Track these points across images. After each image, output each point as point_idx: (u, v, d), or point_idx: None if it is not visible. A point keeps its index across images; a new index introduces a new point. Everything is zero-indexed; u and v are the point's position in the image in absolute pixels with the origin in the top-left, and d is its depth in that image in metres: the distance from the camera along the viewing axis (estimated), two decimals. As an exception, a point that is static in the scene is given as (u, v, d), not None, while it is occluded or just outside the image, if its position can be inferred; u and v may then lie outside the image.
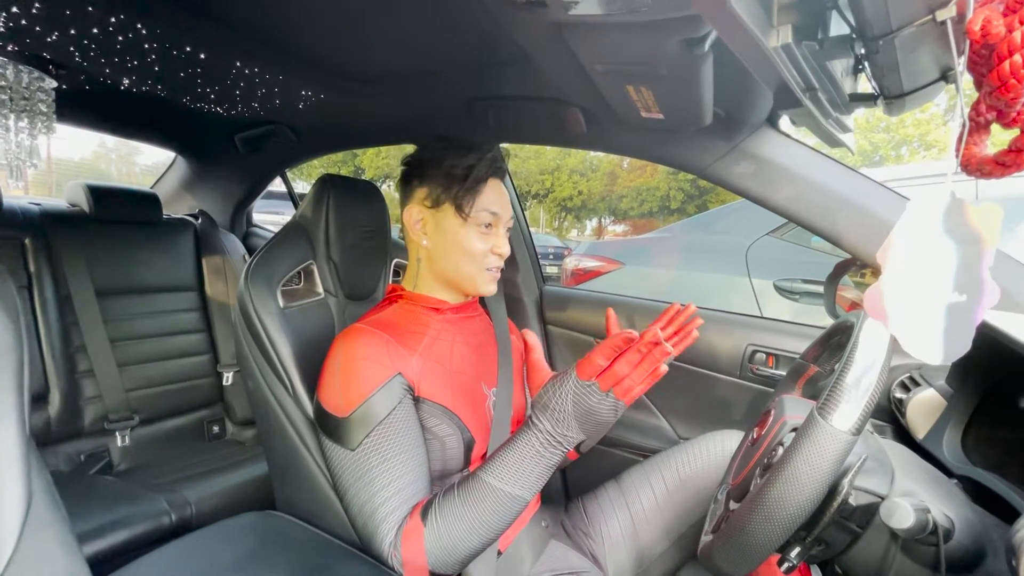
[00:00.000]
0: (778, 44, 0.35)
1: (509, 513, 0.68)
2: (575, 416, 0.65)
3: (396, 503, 0.69)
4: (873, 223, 0.86)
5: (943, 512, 0.52)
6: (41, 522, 0.51)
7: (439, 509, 0.68)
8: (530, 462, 0.67)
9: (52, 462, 1.32)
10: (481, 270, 0.82)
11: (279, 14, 0.87)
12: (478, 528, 0.67)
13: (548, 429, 0.66)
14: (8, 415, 0.51)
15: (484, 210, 0.80)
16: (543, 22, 0.60)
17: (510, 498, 0.67)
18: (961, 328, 0.35)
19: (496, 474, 0.67)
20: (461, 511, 0.67)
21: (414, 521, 0.68)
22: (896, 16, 0.34)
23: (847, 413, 0.50)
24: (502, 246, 0.82)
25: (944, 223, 0.34)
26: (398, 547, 0.67)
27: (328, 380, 0.75)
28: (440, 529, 0.67)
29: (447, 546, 0.66)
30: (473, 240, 0.80)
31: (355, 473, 0.71)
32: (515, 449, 0.68)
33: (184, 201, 1.93)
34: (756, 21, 0.32)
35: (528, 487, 0.67)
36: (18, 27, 0.85)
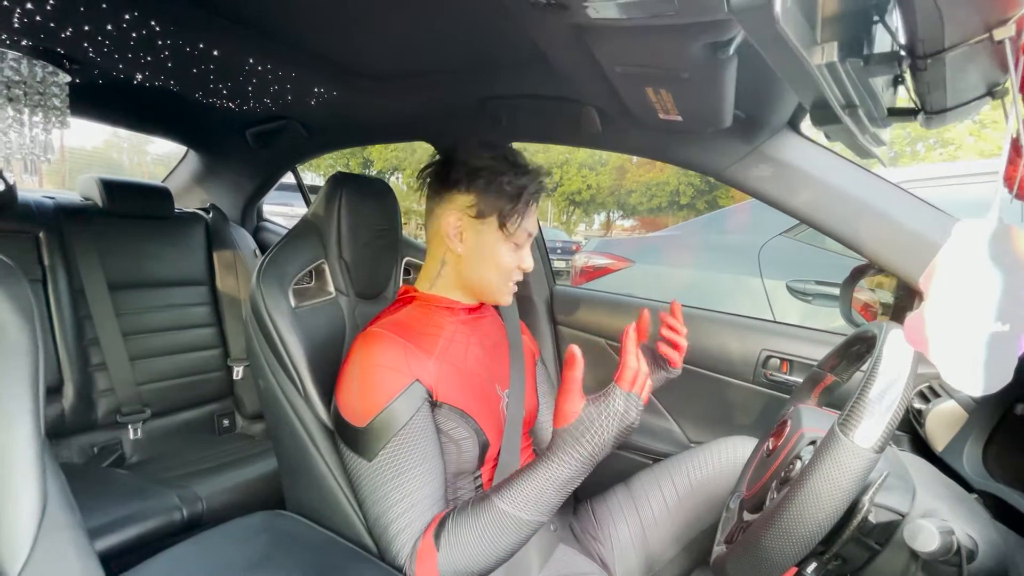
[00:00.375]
0: (822, 61, 0.33)
1: (525, 537, 0.68)
2: (619, 433, 0.63)
3: (409, 519, 0.69)
4: (895, 229, 0.84)
5: (966, 532, 0.51)
6: (56, 524, 0.51)
7: (452, 532, 0.67)
8: (557, 490, 0.65)
9: (66, 454, 1.34)
10: (505, 283, 0.84)
11: (292, 11, 0.86)
12: (492, 552, 0.67)
13: (587, 454, 0.64)
14: (24, 417, 0.51)
15: (525, 230, 0.82)
16: (562, 24, 0.59)
17: (528, 525, 0.67)
18: (1003, 358, 0.34)
19: (515, 503, 0.66)
20: (475, 537, 0.66)
21: (427, 542, 0.68)
22: (951, 34, 0.33)
23: (870, 430, 0.49)
24: (527, 261, 0.84)
25: (990, 250, 0.33)
26: (412, 566, 0.68)
27: (346, 387, 0.75)
28: (453, 553, 0.66)
29: (460, 568, 0.67)
30: (506, 255, 0.82)
31: (371, 485, 0.72)
32: (540, 478, 0.65)
33: (195, 195, 1.93)
34: (801, 38, 0.31)
35: (548, 512, 0.67)
36: (33, 22, 0.85)
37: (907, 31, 0.36)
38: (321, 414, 0.81)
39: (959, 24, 0.32)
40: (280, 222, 2.20)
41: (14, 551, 0.48)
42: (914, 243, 0.82)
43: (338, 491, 0.80)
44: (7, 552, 0.48)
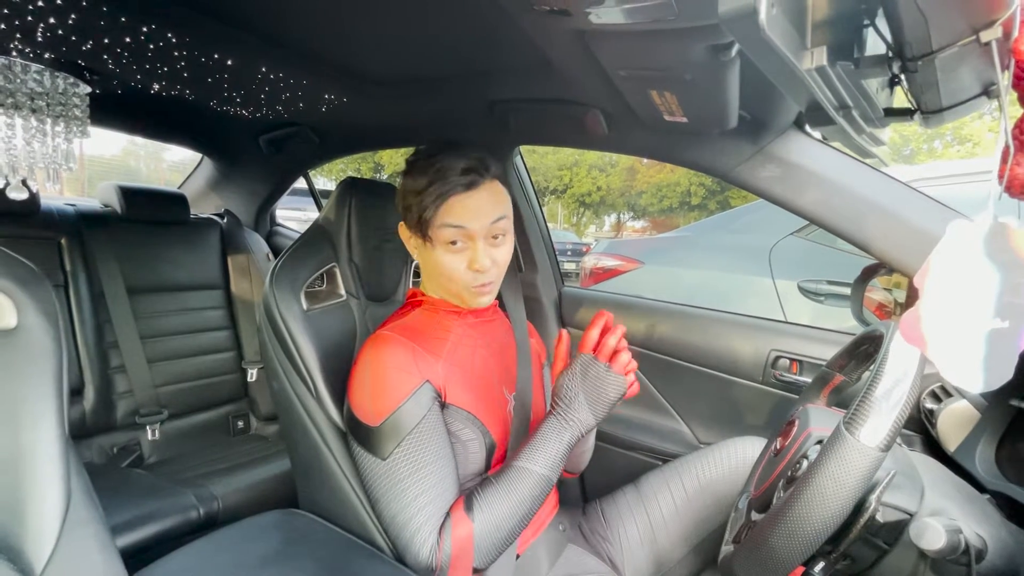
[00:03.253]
0: (812, 66, 0.34)
1: (541, 494, 0.72)
2: (583, 391, 0.71)
3: (429, 513, 0.70)
4: (903, 228, 0.83)
5: (975, 531, 0.51)
6: (79, 521, 0.53)
7: (482, 500, 0.71)
8: (552, 444, 0.72)
9: (86, 455, 1.37)
10: (466, 288, 0.78)
11: (304, 20, 0.88)
12: (518, 510, 0.71)
13: (562, 412, 0.72)
14: (49, 417, 0.53)
15: (443, 226, 0.74)
16: (565, 29, 0.60)
17: (541, 478, 0.71)
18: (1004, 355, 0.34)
19: (527, 458, 0.72)
20: (503, 496, 0.71)
21: (459, 517, 0.70)
22: (937, 37, 0.33)
23: (876, 428, 0.49)
24: (478, 260, 0.75)
25: (986, 247, 0.33)
26: (445, 547, 0.69)
27: (358, 389, 0.76)
28: (487, 518, 0.70)
29: (492, 531, 0.70)
30: (444, 261, 0.76)
31: (387, 483, 0.72)
32: (538, 435, 0.73)
33: (210, 201, 1.97)
34: (789, 44, 0.32)
35: (552, 468, 0.72)
36: (55, 36, 0.88)
37: (894, 34, 0.36)
38: (333, 415, 0.83)
39: (945, 27, 0.32)
40: (292, 226, 2.24)
41: (40, 546, 0.50)
42: (922, 242, 0.81)
43: (350, 491, 0.81)
44: (33, 547, 0.50)
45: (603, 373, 0.71)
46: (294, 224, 2.29)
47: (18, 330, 0.53)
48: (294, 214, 4.07)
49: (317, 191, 2.21)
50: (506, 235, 0.80)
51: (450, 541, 0.69)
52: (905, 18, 0.33)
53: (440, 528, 0.70)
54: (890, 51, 0.38)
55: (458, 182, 0.74)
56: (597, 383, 0.71)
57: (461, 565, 0.69)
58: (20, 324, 0.53)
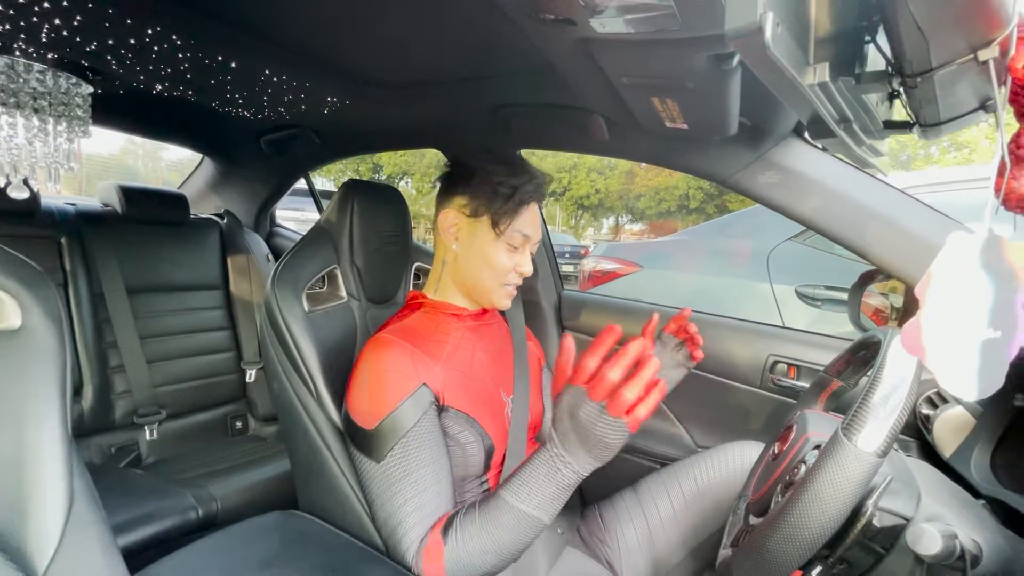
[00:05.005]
0: (814, 81, 0.35)
1: (526, 534, 0.66)
2: (574, 431, 0.59)
3: (417, 518, 0.71)
4: (901, 235, 0.84)
5: (971, 537, 0.51)
6: (82, 521, 0.53)
7: (459, 527, 0.68)
8: (543, 482, 0.63)
9: (85, 454, 1.37)
10: (500, 285, 0.84)
11: (307, 23, 0.88)
12: (496, 547, 0.67)
13: (556, 450, 0.62)
14: (52, 417, 0.53)
15: (518, 231, 0.81)
16: (569, 37, 0.60)
17: (527, 518, 0.65)
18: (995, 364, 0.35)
19: (514, 492, 0.65)
20: (480, 529, 0.67)
21: (434, 538, 0.69)
22: (937, 55, 0.34)
23: (873, 434, 0.49)
24: (525, 265, 0.84)
25: (982, 259, 0.34)
26: (419, 563, 0.69)
27: (356, 391, 0.77)
28: (459, 546, 0.67)
29: (465, 563, 0.67)
30: (500, 255, 0.82)
31: (380, 486, 0.73)
32: (529, 468, 0.65)
33: (210, 201, 1.97)
34: (793, 60, 0.32)
35: (543, 508, 0.65)
36: (59, 37, 0.88)
37: (895, 52, 0.37)
38: (333, 416, 0.83)
39: (943, 46, 0.33)
40: (292, 227, 2.24)
41: (42, 546, 0.50)
42: (920, 248, 0.82)
43: (350, 492, 0.82)
44: (36, 547, 0.50)
45: (595, 415, 0.57)
46: (293, 224, 2.29)
47: (22, 331, 0.53)
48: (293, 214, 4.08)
49: (317, 192, 2.21)
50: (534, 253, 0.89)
51: (422, 560, 0.69)
52: (905, 37, 0.34)
53: (423, 539, 0.70)
54: (890, 67, 0.39)
55: (540, 192, 0.84)
56: (589, 427, 0.58)
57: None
58: (24, 325, 0.53)
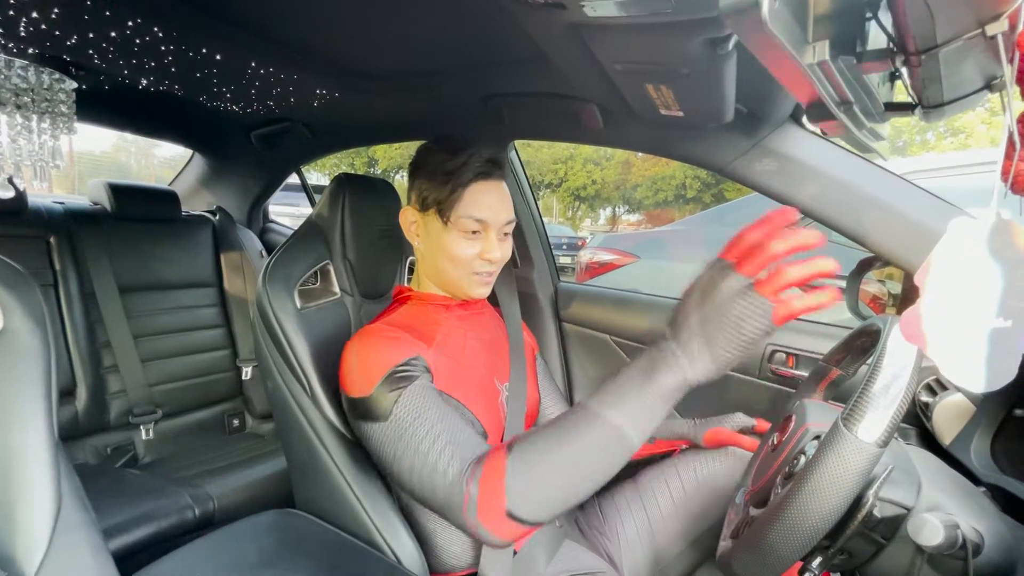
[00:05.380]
0: (814, 61, 0.33)
1: (605, 453, 0.54)
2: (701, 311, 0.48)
3: (452, 450, 0.62)
4: (899, 222, 0.83)
5: (972, 526, 0.51)
6: (71, 525, 0.52)
7: (527, 439, 0.59)
8: (638, 386, 0.52)
9: (80, 455, 1.36)
10: (468, 275, 0.80)
11: (293, 14, 0.86)
12: (567, 465, 0.55)
13: (665, 344, 0.51)
14: (37, 421, 0.52)
15: (467, 216, 0.76)
16: (560, 22, 0.59)
17: (612, 430, 0.53)
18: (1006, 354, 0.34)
19: (600, 400, 0.55)
20: (552, 440, 0.56)
21: (496, 451, 0.60)
22: (942, 30, 0.32)
23: (873, 424, 0.48)
24: (491, 251, 0.78)
25: (989, 245, 0.33)
26: (473, 485, 0.59)
27: (348, 370, 0.74)
28: (526, 454, 0.57)
29: (530, 477, 0.56)
30: (457, 245, 0.78)
31: (396, 441, 0.66)
32: (625, 373, 0.54)
33: (202, 198, 1.95)
34: (791, 38, 0.31)
35: (632, 420, 0.53)
36: (39, 31, 0.86)
37: (898, 28, 0.35)
38: (329, 414, 0.82)
39: (950, 20, 0.32)
40: (286, 222, 2.22)
41: (31, 551, 0.50)
42: (918, 235, 0.81)
43: (347, 489, 0.81)
44: (24, 552, 0.49)
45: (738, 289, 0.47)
46: (287, 220, 2.27)
47: (4, 332, 0.52)
48: (287, 209, 4.05)
49: (310, 187, 2.19)
50: (510, 234, 0.84)
51: (480, 473, 0.58)
52: (910, 11, 0.32)
53: (471, 463, 0.61)
54: (893, 45, 0.38)
55: (486, 169, 0.77)
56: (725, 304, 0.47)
57: (492, 507, 0.57)
58: (6, 327, 0.52)
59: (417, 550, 0.79)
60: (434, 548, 0.81)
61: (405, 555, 0.77)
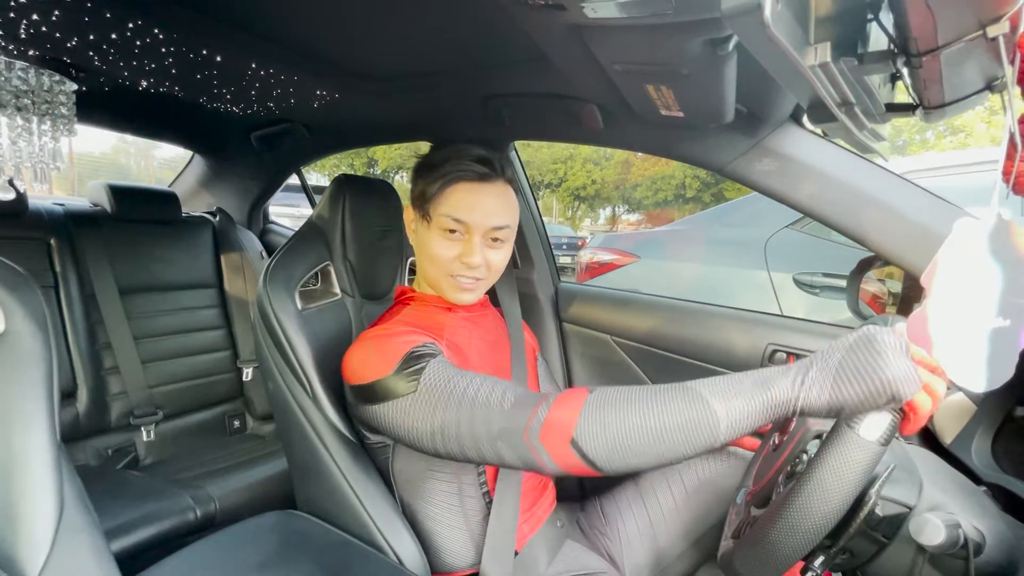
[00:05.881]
0: (815, 62, 0.33)
1: (691, 424, 0.52)
2: (847, 346, 0.48)
3: (503, 389, 0.61)
4: (899, 221, 0.83)
5: (973, 525, 0.51)
6: (73, 526, 0.52)
7: (616, 390, 0.57)
8: (748, 386, 0.52)
9: (81, 457, 1.36)
10: (445, 276, 0.79)
11: (293, 15, 0.86)
12: (652, 416, 0.53)
13: (795, 365, 0.51)
14: (39, 423, 0.52)
15: (446, 215, 0.75)
16: (560, 23, 0.59)
17: (706, 409, 0.52)
18: (1005, 353, 0.34)
19: (704, 383, 0.54)
20: (643, 391, 0.55)
21: (578, 389, 0.59)
22: (944, 32, 0.32)
23: (875, 423, 0.48)
24: (470, 255, 0.76)
25: (990, 245, 0.33)
26: (544, 407, 0.57)
27: (361, 359, 0.72)
28: (609, 395, 0.55)
29: (607, 415, 0.54)
30: (436, 244, 0.77)
31: (431, 405, 0.63)
32: (740, 375, 0.54)
33: (202, 199, 1.95)
34: (793, 40, 0.31)
35: (730, 408, 0.51)
36: (39, 33, 0.86)
37: (899, 30, 0.36)
38: (330, 415, 0.82)
39: (952, 22, 0.32)
40: (286, 223, 2.22)
41: (33, 553, 0.50)
42: (918, 234, 0.81)
43: (348, 490, 0.81)
44: (26, 554, 0.49)
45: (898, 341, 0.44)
46: (287, 221, 2.27)
47: (6, 335, 0.52)
48: (287, 210, 4.05)
49: (310, 187, 2.19)
50: (506, 242, 0.82)
51: (555, 399, 0.57)
52: (911, 13, 0.32)
53: (534, 395, 0.60)
54: (894, 46, 0.38)
55: (470, 168, 0.75)
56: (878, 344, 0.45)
57: (558, 431, 0.56)
58: (8, 329, 0.52)
59: (418, 550, 0.79)
60: (435, 548, 0.81)
61: (406, 555, 0.77)
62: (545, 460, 0.57)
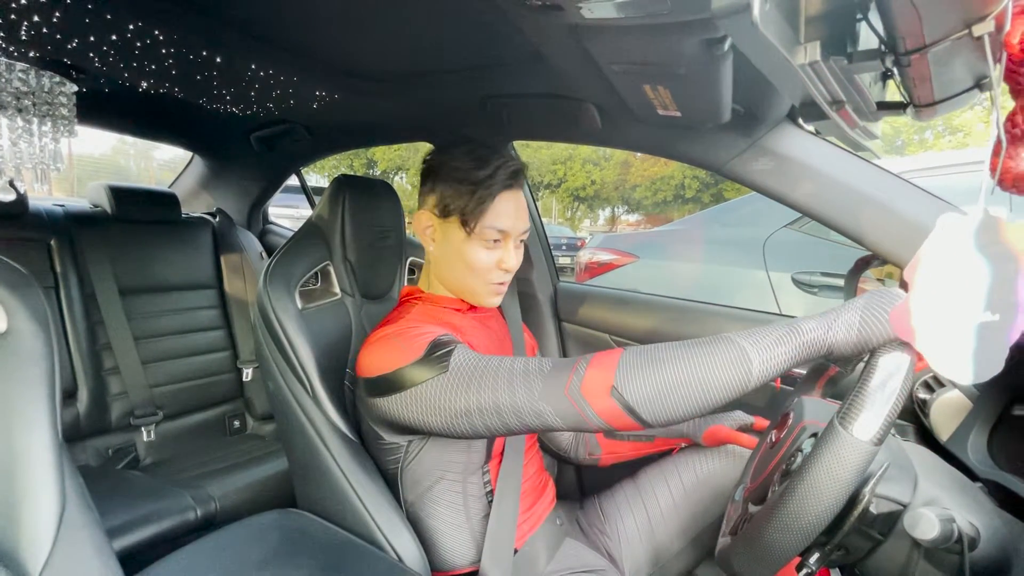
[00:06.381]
0: (806, 61, 0.34)
1: (724, 363, 0.54)
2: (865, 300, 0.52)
3: (539, 360, 0.62)
4: (896, 220, 0.84)
5: (968, 520, 0.51)
6: (75, 524, 0.53)
7: (649, 345, 0.59)
8: (778, 329, 0.55)
9: (81, 457, 1.37)
10: (485, 284, 0.80)
11: (293, 16, 0.87)
12: (687, 359, 0.55)
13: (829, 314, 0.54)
14: (41, 422, 0.53)
15: (491, 227, 0.76)
16: (557, 24, 0.59)
17: (735, 347, 0.54)
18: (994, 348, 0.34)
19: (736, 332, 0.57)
20: (676, 343, 0.58)
21: (611, 351, 0.61)
22: (930, 31, 0.33)
23: (869, 422, 0.49)
24: (508, 260, 0.79)
25: (977, 240, 0.33)
26: (583, 364, 0.59)
27: (379, 352, 0.72)
28: (643, 351, 0.58)
29: (644, 360, 0.57)
30: (477, 254, 0.78)
31: (464, 384, 0.64)
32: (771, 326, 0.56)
33: (202, 200, 1.96)
34: (783, 39, 0.31)
35: (759, 344, 0.54)
36: (40, 34, 0.86)
37: (887, 29, 0.36)
38: (330, 414, 0.83)
39: (937, 21, 0.32)
40: (286, 224, 2.23)
41: (35, 551, 0.50)
42: (915, 233, 0.82)
43: (348, 489, 0.81)
44: (29, 552, 0.50)
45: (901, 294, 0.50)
46: (286, 222, 2.27)
47: (8, 335, 0.52)
48: (287, 211, 4.05)
49: (310, 188, 2.20)
50: (523, 243, 0.84)
51: (593, 356, 0.59)
52: (898, 13, 0.33)
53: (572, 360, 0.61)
54: (883, 45, 0.38)
55: (512, 181, 0.77)
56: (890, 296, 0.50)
57: (598, 381, 0.57)
58: (10, 328, 0.52)
59: (419, 549, 0.79)
60: (436, 547, 0.82)
61: (407, 554, 0.78)
62: (589, 414, 0.58)
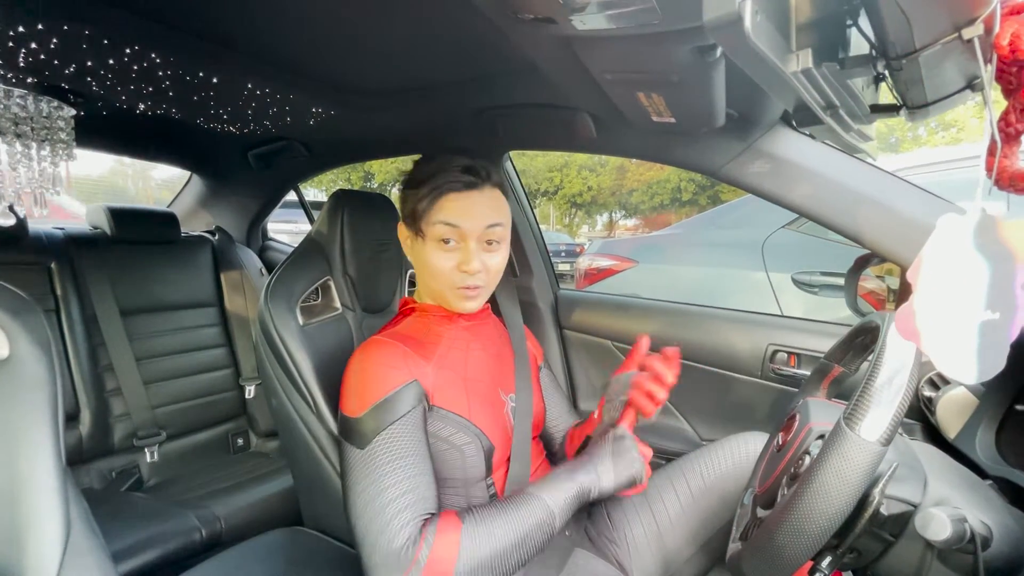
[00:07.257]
0: (798, 69, 0.34)
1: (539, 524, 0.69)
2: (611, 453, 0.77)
3: (408, 501, 0.67)
4: (893, 218, 0.84)
5: (980, 519, 0.51)
6: (80, 550, 0.52)
7: (475, 511, 0.69)
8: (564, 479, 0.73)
9: (85, 480, 1.36)
10: (450, 288, 0.79)
11: (287, 35, 0.88)
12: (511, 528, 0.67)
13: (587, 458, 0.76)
14: (44, 447, 0.52)
15: (439, 223, 0.75)
16: (550, 36, 0.60)
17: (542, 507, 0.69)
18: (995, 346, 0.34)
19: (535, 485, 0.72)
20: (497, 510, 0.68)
21: (449, 516, 0.67)
22: (920, 36, 0.33)
23: (876, 422, 0.48)
24: (468, 262, 0.76)
25: (975, 240, 0.33)
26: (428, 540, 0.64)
27: (346, 388, 0.75)
28: (478, 525, 0.66)
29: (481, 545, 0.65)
30: (432, 256, 0.77)
31: (365, 471, 0.69)
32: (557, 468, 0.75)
33: (201, 218, 1.96)
34: (775, 48, 0.32)
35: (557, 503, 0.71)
36: (37, 60, 0.87)
37: (877, 34, 0.36)
38: (334, 429, 0.82)
39: (927, 26, 0.33)
40: (285, 239, 2.23)
41: (41, 577, 0.49)
42: (912, 231, 0.82)
43: (353, 505, 0.81)
44: (34, 579, 0.49)
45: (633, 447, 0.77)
46: (285, 238, 2.28)
47: (11, 360, 0.52)
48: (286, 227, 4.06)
49: (308, 203, 2.20)
50: (502, 243, 0.81)
51: (434, 536, 0.64)
52: (887, 18, 0.33)
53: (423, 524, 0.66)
54: (874, 50, 0.38)
55: (457, 179, 0.76)
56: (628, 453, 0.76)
57: (440, 569, 0.64)
58: (12, 354, 0.52)
59: (426, 564, 0.79)
60: (443, 561, 0.81)
61: (414, 569, 0.77)
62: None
